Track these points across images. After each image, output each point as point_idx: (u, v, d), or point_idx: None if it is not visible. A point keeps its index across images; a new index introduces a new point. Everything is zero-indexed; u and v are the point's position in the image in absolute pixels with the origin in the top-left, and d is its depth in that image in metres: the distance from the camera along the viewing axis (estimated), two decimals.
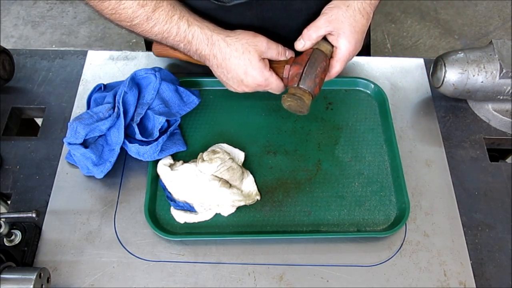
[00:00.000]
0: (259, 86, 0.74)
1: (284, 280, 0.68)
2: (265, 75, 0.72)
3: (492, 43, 0.81)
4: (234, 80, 0.73)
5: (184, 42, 0.71)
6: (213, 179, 0.72)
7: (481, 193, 0.77)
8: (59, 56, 0.93)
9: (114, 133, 0.74)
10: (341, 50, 0.74)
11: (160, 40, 0.72)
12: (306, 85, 0.71)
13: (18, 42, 2.21)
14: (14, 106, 0.86)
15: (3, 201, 0.83)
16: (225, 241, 0.71)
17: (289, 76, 0.73)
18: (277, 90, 0.76)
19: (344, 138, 0.82)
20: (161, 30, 0.70)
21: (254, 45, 0.71)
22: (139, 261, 0.69)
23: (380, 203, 0.75)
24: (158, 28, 0.70)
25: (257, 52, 0.71)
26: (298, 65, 0.72)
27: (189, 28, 0.70)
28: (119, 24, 0.72)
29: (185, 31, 0.70)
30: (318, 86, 0.72)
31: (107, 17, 0.71)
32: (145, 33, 0.72)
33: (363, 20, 0.73)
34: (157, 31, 0.70)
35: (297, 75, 0.72)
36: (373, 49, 1.09)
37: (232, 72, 0.72)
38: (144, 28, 0.71)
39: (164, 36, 0.71)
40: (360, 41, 0.75)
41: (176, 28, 0.70)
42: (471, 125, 0.85)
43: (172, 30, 0.70)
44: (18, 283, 0.59)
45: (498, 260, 0.70)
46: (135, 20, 0.70)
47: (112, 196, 0.75)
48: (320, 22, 0.73)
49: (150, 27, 0.70)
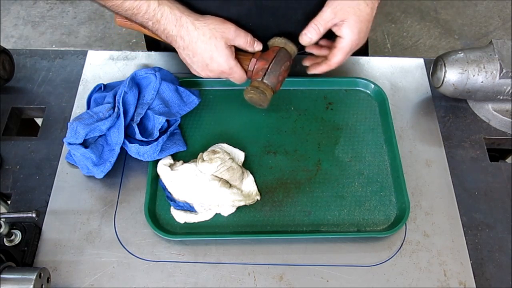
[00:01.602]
0: (222, 73, 0.75)
1: (284, 280, 0.68)
2: (230, 63, 0.73)
3: (492, 43, 0.81)
4: (199, 64, 0.74)
5: (153, 21, 0.71)
6: (213, 179, 0.72)
7: (481, 193, 0.77)
8: (59, 56, 0.93)
9: (114, 133, 0.74)
10: (344, 39, 0.73)
11: (130, 16, 0.72)
12: (270, 80, 0.75)
13: (18, 42, 2.21)
14: (14, 106, 0.86)
15: (3, 201, 0.83)
16: (225, 241, 0.71)
17: (254, 70, 0.76)
18: (239, 80, 0.77)
19: (344, 138, 0.82)
20: (131, 5, 0.69)
21: (222, 31, 0.71)
22: (139, 261, 0.69)
23: (380, 203, 0.75)
24: (128, 4, 0.69)
25: (224, 39, 0.71)
26: (264, 60, 0.76)
27: (159, 7, 0.69)
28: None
29: (154, 10, 0.70)
30: (280, 83, 0.77)
31: None
32: (115, 7, 0.71)
33: (367, 9, 0.73)
34: (127, 6, 0.70)
35: (262, 70, 0.75)
36: (373, 49, 1.09)
37: (198, 56, 0.72)
38: (114, 2, 0.70)
39: (134, 12, 0.70)
40: (365, 32, 0.74)
41: (146, 5, 0.69)
42: (471, 125, 0.85)
43: (142, 7, 0.69)
44: (18, 283, 0.58)
45: (498, 260, 0.70)
46: None
47: (112, 196, 0.75)
48: (326, 14, 0.72)
49: (120, 2, 0.69)
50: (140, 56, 0.93)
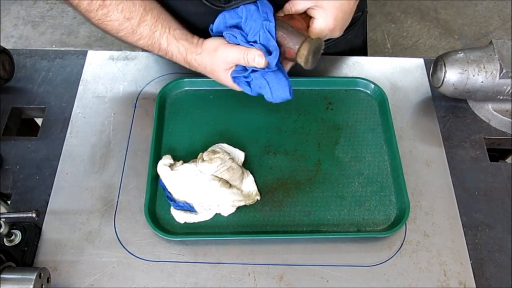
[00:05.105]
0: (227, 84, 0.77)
1: (284, 280, 0.68)
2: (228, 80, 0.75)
3: (492, 43, 0.81)
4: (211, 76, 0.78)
5: (167, 56, 0.77)
6: (213, 179, 0.72)
7: (481, 193, 0.77)
8: (59, 56, 0.93)
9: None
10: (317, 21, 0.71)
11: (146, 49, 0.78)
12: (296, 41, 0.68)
13: (18, 42, 2.21)
14: (14, 106, 0.86)
15: (3, 201, 0.83)
16: (225, 241, 0.71)
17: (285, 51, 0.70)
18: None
19: (344, 138, 0.82)
20: (145, 44, 0.76)
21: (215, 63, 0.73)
22: (139, 261, 0.69)
23: (380, 203, 0.75)
24: (143, 42, 0.75)
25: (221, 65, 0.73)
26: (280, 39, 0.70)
27: (168, 48, 0.76)
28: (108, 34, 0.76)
29: (165, 49, 0.76)
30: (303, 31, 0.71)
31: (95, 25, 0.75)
32: (132, 43, 0.76)
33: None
34: (142, 44, 0.76)
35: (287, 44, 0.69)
36: (373, 49, 1.08)
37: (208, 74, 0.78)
38: (130, 40, 0.76)
39: (149, 48, 0.77)
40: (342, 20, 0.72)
41: (158, 45, 0.76)
42: (471, 125, 0.85)
43: (155, 46, 0.76)
44: (18, 283, 0.59)
45: (498, 260, 0.70)
46: (121, 33, 0.74)
47: (112, 196, 0.75)
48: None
49: (135, 40, 0.75)
50: (140, 56, 0.93)
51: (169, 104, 0.86)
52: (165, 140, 0.81)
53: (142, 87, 0.88)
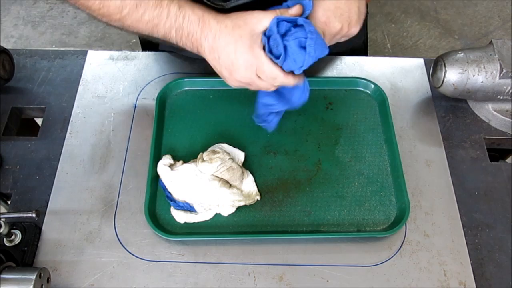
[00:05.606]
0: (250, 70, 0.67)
1: (284, 280, 0.68)
2: (256, 52, 0.66)
3: (492, 43, 0.81)
4: (226, 66, 0.68)
5: (175, 27, 0.67)
6: (213, 179, 0.72)
7: (481, 193, 0.77)
8: (59, 56, 0.93)
9: None
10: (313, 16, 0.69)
11: (151, 30, 0.69)
12: None
13: (18, 42, 2.21)
14: (14, 106, 0.86)
15: (3, 201, 0.83)
16: (225, 241, 0.71)
17: None
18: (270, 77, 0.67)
19: (344, 138, 0.82)
20: (151, 16, 0.67)
21: (244, 18, 0.66)
22: (139, 261, 0.69)
23: (380, 203, 0.75)
24: (148, 15, 0.66)
25: (248, 25, 0.66)
26: None
27: (180, 10, 0.66)
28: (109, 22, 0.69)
29: (175, 13, 0.66)
30: None
31: (95, 14, 0.69)
32: (135, 23, 0.68)
33: None
34: (147, 18, 0.67)
35: None
36: (373, 49, 1.08)
37: (223, 54, 0.67)
38: (134, 17, 0.67)
39: (155, 23, 0.67)
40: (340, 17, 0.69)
41: (167, 11, 0.66)
42: (471, 125, 0.85)
43: (163, 14, 0.66)
44: (18, 283, 0.59)
45: (498, 260, 0.70)
46: (124, 10, 0.67)
47: (112, 196, 0.75)
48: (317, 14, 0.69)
49: (140, 14, 0.67)
50: (140, 56, 0.93)
51: (169, 104, 0.86)
52: (165, 140, 0.81)
53: (142, 87, 0.88)
